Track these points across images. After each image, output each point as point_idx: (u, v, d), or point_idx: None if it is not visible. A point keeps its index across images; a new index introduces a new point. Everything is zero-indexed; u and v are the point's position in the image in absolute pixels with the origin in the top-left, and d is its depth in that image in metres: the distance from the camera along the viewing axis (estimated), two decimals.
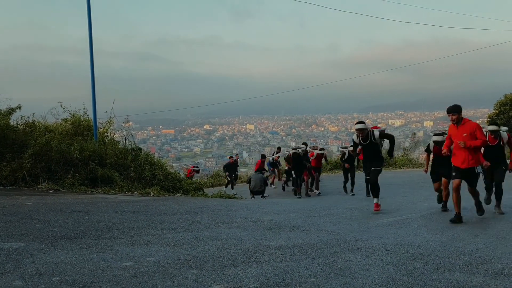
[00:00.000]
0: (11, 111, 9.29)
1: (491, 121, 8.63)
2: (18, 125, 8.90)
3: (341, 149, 12.76)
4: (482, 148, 6.45)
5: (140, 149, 9.89)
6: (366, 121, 7.69)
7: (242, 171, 22.55)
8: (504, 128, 6.96)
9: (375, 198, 7.23)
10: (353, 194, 10.75)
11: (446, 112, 5.83)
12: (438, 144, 7.05)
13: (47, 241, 3.73)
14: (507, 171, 6.84)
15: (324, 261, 3.46)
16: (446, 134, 6.67)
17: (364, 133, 7.20)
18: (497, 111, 24.16)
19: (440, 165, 7.02)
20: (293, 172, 11.56)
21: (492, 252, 3.94)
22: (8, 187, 7.70)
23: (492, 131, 6.72)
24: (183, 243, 3.95)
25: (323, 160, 13.26)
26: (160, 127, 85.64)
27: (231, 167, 16.37)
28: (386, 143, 9.05)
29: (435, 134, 7.20)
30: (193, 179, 13.54)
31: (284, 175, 15.36)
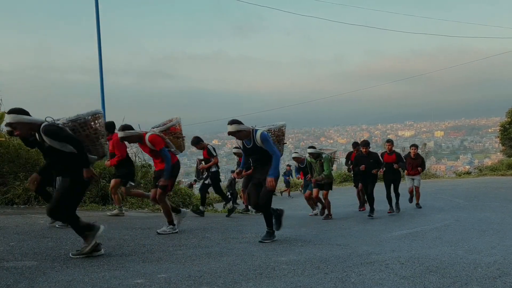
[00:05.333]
0: None
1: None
2: None
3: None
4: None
5: (149, 165, 9.98)
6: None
7: None
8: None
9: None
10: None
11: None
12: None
13: (60, 259, 3.75)
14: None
15: (336, 275, 3.40)
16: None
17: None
18: (509, 119, 23.85)
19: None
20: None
21: (510, 264, 3.83)
22: (22, 206, 7.80)
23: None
24: (194, 259, 3.93)
25: None
26: None
27: None
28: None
29: None
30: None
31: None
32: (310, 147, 8.40)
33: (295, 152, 9.39)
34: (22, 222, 5.79)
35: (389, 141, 9.40)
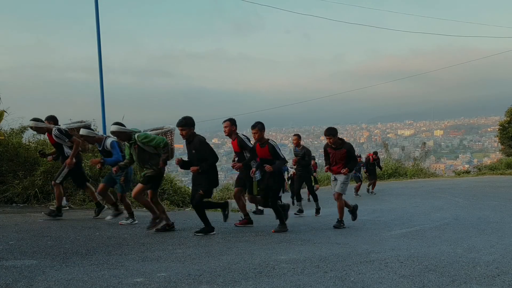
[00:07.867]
0: (23, 129, 9.47)
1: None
2: (30, 143, 9.05)
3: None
4: None
5: None
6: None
7: None
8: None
9: None
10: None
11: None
12: None
13: (59, 258, 3.75)
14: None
15: (336, 274, 3.41)
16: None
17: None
18: (508, 119, 23.88)
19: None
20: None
21: (509, 263, 3.84)
22: (21, 205, 7.79)
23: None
24: (194, 258, 3.94)
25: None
26: None
27: None
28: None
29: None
30: None
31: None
32: (114, 124, 5.38)
33: (81, 127, 6.10)
34: (21, 220, 5.78)
35: (253, 127, 6.06)
